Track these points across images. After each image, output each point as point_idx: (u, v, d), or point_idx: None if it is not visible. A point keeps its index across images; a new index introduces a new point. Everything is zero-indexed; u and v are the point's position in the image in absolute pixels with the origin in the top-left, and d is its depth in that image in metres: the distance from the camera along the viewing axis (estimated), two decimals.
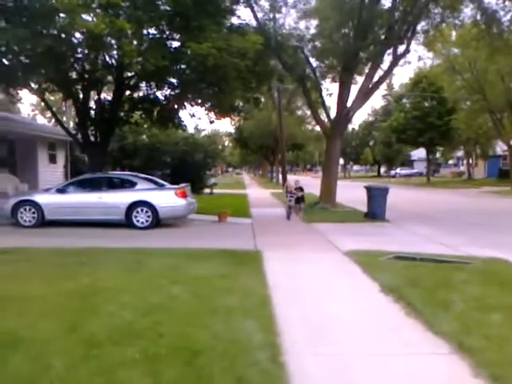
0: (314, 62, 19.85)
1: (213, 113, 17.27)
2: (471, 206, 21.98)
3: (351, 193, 22.67)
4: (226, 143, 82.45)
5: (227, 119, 30.44)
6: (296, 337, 4.52)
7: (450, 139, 44.76)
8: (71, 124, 28.64)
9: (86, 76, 15.34)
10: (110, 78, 16.12)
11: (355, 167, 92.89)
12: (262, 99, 24.80)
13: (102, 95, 17.53)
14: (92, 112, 17.08)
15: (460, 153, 55.20)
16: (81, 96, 16.43)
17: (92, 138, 16.52)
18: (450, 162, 65.35)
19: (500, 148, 45.18)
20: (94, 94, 17.68)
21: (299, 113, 52.87)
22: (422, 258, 8.11)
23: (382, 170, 78.47)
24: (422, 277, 6.62)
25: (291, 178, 33.33)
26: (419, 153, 61.63)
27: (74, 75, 15.65)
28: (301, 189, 15.39)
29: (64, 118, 33.10)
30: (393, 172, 67.22)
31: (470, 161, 51.88)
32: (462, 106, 41.09)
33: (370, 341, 4.51)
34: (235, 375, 3.54)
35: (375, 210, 14.76)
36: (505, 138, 34.21)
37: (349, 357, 4.11)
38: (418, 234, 11.90)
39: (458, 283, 6.26)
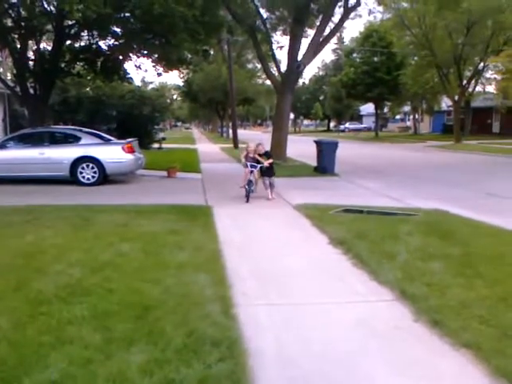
0: (264, 13, 19.45)
1: (160, 65, 16.71)
2: (417, 160, 22.70)
3: (301, 147, 22.86)
4: (175, 97, 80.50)
5: (175, 72, 29.52)
6: (247, 289, 4.59)
7: (398, 94, 45.56)
8: (9, 76, 26.96)
9: (23, 23, 14.35)
10: (49, 26, 15.18)
11: (305, 122, 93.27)
12: (212, 52, 24.18)
13: (42, 45, 16.58)
14: (31, 63, 16.13)
15: (407, 108, 56.39)
16: (18, 45, 15.44)
17: (32, 91, 15.68)
18: (398, 116, 66.75)
19: (445, 104, 46.52)
20: (32, 44, 16.63)
21: (250, 66, 52.12)
22: (369, 211, 8.33)
23: (332, 124, 79.29)
24: (369, 229, 6.83)
25: (243, 132, 33.04)
26: (368, 108, 62.54)
27: (8, 22, 14.62)
28: (267, 154, 10.64)
29: (0, 69, 31.18)
30: (342, 127, 68.14)
31: (417, 116, 53.22)
32: (410, 62, 41.69)
33: (319, 291, 4.65)
34: (187, 328, 3.56)
35: (325, 164, 14.97)
36: (450, 93, 35.11)
37: (298, 306, 4.24)
38: (366, 188, 12.20)
39: (403, 234, 6.50)
